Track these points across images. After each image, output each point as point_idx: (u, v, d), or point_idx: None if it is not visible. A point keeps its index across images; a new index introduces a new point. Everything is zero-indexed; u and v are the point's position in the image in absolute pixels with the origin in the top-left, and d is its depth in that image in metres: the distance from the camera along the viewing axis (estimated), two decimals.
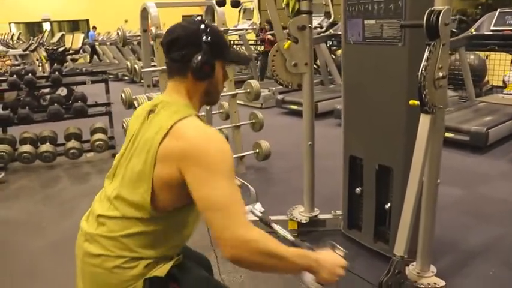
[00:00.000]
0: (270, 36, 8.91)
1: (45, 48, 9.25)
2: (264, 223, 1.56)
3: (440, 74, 2.04)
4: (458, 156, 4.75)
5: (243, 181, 1.73)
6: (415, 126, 2.27)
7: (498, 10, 6.04)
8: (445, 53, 2.05)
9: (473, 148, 4.87)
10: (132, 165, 1.34)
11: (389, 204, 2.78)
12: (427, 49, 2.02)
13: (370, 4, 2.55)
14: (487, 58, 7.47)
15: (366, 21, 2.60)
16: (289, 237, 1.46)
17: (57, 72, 5.38)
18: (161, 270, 1.34)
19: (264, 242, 1.21)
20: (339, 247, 1.38)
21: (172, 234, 1.39)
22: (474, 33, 6.01)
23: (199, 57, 1.33)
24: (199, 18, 1.54)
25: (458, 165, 4.49)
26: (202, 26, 1.38)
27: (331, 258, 1.34)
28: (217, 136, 1.29)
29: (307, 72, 2.99)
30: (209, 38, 1.35)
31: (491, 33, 5.92)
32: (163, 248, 1.37)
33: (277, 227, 1.52)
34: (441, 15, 1.97)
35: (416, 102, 2.10)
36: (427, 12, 2.01)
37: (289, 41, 2.89)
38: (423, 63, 1.98)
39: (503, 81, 7.57)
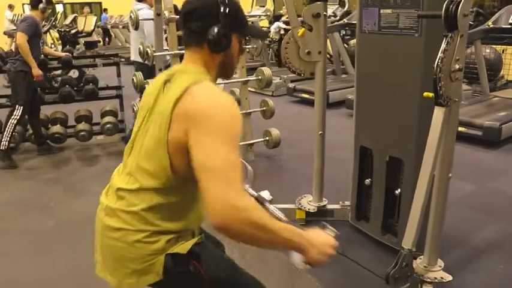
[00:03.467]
0: None
1: (58, 30, 9.27)
2: (258, 202, 1.51)
3: (457, 66, 2.00)
4: (470, 151, 4.70)
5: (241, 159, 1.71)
6: (428, 118, 2.24)
7: None
8: (462, 45, 2.01)
9: (486, 143, 4.80)
10: (150, 135, 1.32)
11: (398, 197, 2.76)
12: (444, 40, 1.97)
13: None
14: (503, 52, 7.34)
15: (382, 11, 2.55)
16: (283, 218, 1.44)
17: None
18: (183, 247, 1.33)
19: (256, 213, 1.15)
20: (330, 227, 1.35)
21: (191, 206, 1.37)
22: (491, 26, 5.90)
23: (216, 29, 1.31)
24: None
25: (470, 160, 4.44)
26: None
27: (321, 237, 1.29)
28: (226, 99, 1.25)
29: (321, 60, 2.95)
30: (227, 9, 1.33)
31: (509, 26, 5.80)
32: (183, 220, 1.35)
33: (271, 207, 1.49)
34: (460, 5, 1.92)
35: (431, 95, 2.07)
36: (446, 2, 1.97)
37: (303, 29, 2.85)
38: (440, 54, 1.94)
39: None
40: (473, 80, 6.66)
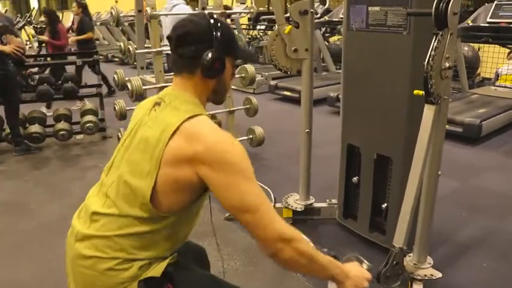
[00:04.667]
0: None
1: (34, 27, 9.04)
2: None
3: (447, 64, 2.00)
4: (451, 147, 4.75)
5: None
6: (416, 116, 2.24)
7: (495, 2, 6.00)
8: (452, 43, 2.01)
9: (467, 140, 4.87)
10: (133, 160, 1.28)
11: (386, 194, 2.76)
12: (434, 38, 1.97)
13: None
14: (478, 50, 7.47)
15: (370, 8, 2.54)
16: (311, 244, 1.46)
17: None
18: (156, 270, 1.29)
19: (302, 242, 1.26)
20: (365, 261, 1.44)
21: (169, 236, 1.33)
22: (471, 24, 5.98)
23: (210, 54, 1.28)
24: (206, 12, 1.48)
25: (452, 157, 4.49)
26: (212, 21, 1.32)
27: (357, 270, 1.38)
28: (232, 138, 1.27)
29: (308, 58, 2.93)
30: (220, 33, 1.30)
31: (487, 25, 5.89)
32: (159, 249, 1.31)
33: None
34: (450, 4, 1.92)
35: (421, 92, 2.07)
36: (435, 0, 1.96)
37: (290, 26, 2.82)
38: (431, 52, 1.94)
39: (496, 74, 7.59)
40: (452, 77, 6.74)
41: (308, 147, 3.15)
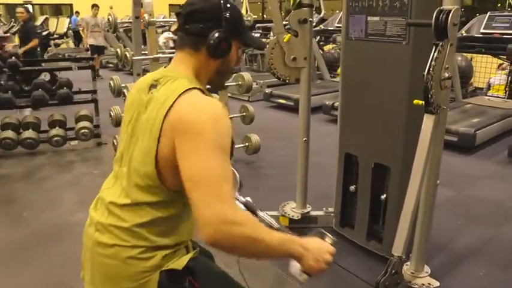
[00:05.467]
0: None
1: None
2: (248, 210, 1.49)
3: (446, 75, 2.03)
4: (446, 156, 4.72)
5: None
6: (414, 125, 2.26)
7: (488, 13, 6.09)
8: (452, 54, 2.03)
9: (461, 149, 4.90)
10: (138, 147, 1.26)
11: (384, 203, 2.76)
12: (434, 49, 1.99)
13: (374, 1, 2.51)
14: (471, 60, 7.55)
15: (369, 18, 2.56)
16: (275, 224, 1.42)
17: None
18: (179, 263, 1.27)
19: (249, 227, 1.12)
20: (328, 234, 1.31)
21: (184, 219, 1.31)
22: (465, 34, 6.05)
23: (218, 34, 1.27)
24: None
25: (447, 166, 4.47)
26: (223, 1, 1.31)
27: (318, 243, 1.25)
28: (213, 106, 1.20)
29: (306, 66, 2.94)
30: (229, 15, 1.29)
31: (481, 35, 5.96)
32: (178, 234, 1.30)
33: (262, 214, 1.47)
34: (450, 15, 1.95)
35: (421, 102, 2.08)
36: (436, 11, 1.99)
37: (289, 34, 2.84)
38: (431, 62, 1.95)
39: (488, 83, 7.67)
40: None
41: (306, 155, 3.16)
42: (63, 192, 3.99)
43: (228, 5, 1.31)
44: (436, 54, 1.97)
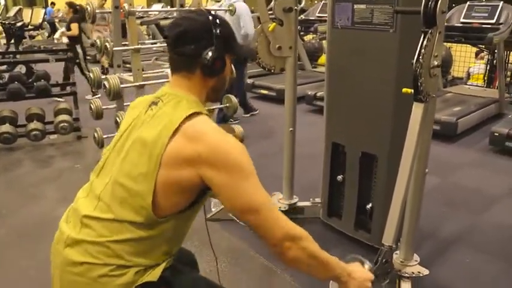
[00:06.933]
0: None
1: (1, 23, 8.71)
2: None
3: (435, 63, 2.01)
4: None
5: None
6: (401, 113, 2.25)
7: (468, 2, 6.13)
8: (440, 41, 2.02)
9: (444, 137, 4.95)
10: (130, 162, 1.21)
11: (372, 192, 2.76)
12: (423, 36, 1.97)
13: None
14: (449, 49, 7.63)
15: (356, 6, 2.53)
16: None
17: None
18: (153, 275, 1.23)
19: (309, 241, 1.25)
20: (367, 261, 1.47)
21: (166, 241, 1.27)
22: (445, 24, 6.07)
23: (211, 53, 1.24)
24: (202, 8, 1.43)
25: (431, 154, 4.51)
26: (211, 17, 1.27)
27: (361, 271, 1.38)
28: (233, 138, 1.25)
29: (292, 56, 2.90)
30: (219, 31, 1.26)
31: (460, 25, 6.01)
32: (155, 255, 1.26)
33: None
34: (439, 2, 1.92)
35: (409, 91, 2.06)
36: None
37: (274, 23, 2.79)
38: (421, 50, 1.93)
39: (468, 73, 7.77)
40: None
41: (292, 145, 3.13)
42: (44, 188, 3.87)
43: (217, 21, 1.27)
44: (425, 42, 1.95)
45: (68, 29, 6.92)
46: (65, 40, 7.02)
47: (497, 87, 6.17)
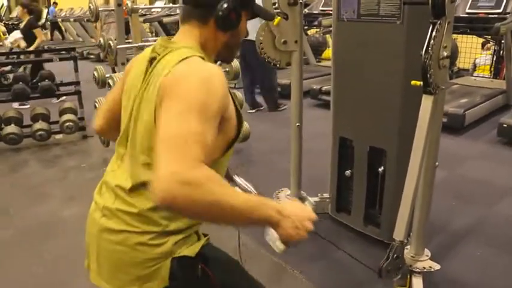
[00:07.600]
0: None
1: (4, 23, 8.71)
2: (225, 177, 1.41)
3: (445, 54, 1.97)
4: None
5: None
6: (410, 106, 2.22)
7: None
8: (449, 32, 1.98)
9: (451, 129, 4.90)
10: (141, 120, 1.18)
11: (381, 187, 2.73)
12: (432, 27, 1.93)
13: None
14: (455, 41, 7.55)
15: None
16: (253, 190, 1.37)
17: None
18: (191, 250, 1.19)
19: (210, 187, 0.95)
20: (309, 198, 1.23)
21: None
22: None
23: (227, 4, 1.20)
24: None
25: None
26: None
27: (297, 208, 1.11)
28: (208, 69, 1.11)
29: (297, 50, 2.87)
30: None
31: (466, 15, 5.93)
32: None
33: (239, 180, 1.43)
34: None
35: (419, 83, 2.03)
36: None
37: (279, 17, 2.75)
38: (430, 41, 1.90)
39: (474, 64, 7.70)
40: None
41: (299, 140, 3.10)
42: (50, 187, 3.87)
43: None
44: (434, 33, 1.92)
45: (25, 34, 6.44)
46: (23, 44, 6.48)
47: (505, 77, 6.10)
